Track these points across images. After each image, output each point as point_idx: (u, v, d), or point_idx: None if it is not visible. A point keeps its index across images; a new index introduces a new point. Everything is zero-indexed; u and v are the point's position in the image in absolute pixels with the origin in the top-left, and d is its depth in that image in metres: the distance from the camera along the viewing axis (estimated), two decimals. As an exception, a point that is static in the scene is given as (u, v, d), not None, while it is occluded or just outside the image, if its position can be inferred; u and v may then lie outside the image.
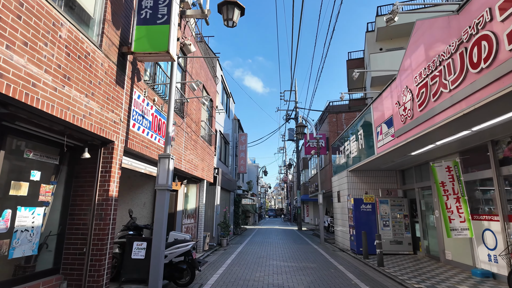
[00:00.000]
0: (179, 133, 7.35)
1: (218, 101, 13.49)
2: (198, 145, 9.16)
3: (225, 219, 12.79)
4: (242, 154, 19.41)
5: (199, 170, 9.31)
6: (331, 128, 16.01)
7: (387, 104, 7.55)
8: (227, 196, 16.09)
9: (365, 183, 11.11)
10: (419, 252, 9.66)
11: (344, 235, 11.70)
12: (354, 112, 16.20)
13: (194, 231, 9.66)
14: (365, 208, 10.26)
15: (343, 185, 11.83)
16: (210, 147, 10.82)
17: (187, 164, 8.08)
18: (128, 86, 4.87)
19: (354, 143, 10.40)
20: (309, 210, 32.38)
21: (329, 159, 16.07)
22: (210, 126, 11.12)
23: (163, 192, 4.58)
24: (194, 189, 9.85)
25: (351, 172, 11.25)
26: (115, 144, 4.46)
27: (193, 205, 9.75)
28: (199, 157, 9.36)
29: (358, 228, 10.08)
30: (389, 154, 7.92)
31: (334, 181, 13.55)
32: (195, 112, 8.87)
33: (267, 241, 14.12)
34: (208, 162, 10.57)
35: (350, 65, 21.64)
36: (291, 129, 26.08)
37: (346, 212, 11.38)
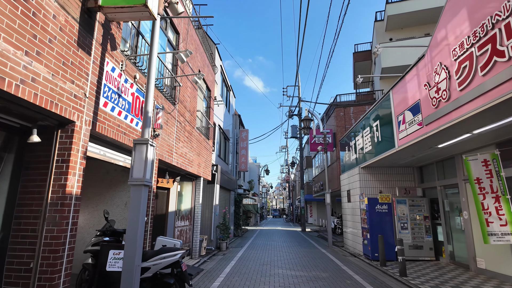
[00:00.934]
0: (169, 121, 6.31)
1: (217, 92, 12.46)
2: (193, 138, 8.12)
3: (225, 221, 11.75)
4: (243, 151, 18.36)
5: (195, 166, 8.26)
6: (339, 122, 14.94)
7: (412, 88, 6.48)
8: (227, 195, 15.04)
9: (379, 181, 10.04)
10: (442, 258, 8.58)
11: (355, 238, 10.63)
12: (363, 106, 15.13)
13: (189, 234, 8.61)
14: (380, 208, 9.19)
15: (354, 183, 10.76)
16: (207, 141, 9.78)
17: (180, 158, 7.03)
18: (98, 53, 3.82)
19: (368, 136, 9.32)
20: (313, 210, 31.31)
21: (336, 156, 15.01)
22: (208, 118, 10.07)
23: (138, 189, 3.53)
24: (189, 187, 8.80)
25: (364, 169, 10.18)
26: (76, 126, 3.41)
27: (188, 205, 8.71)
28: (195, 152, 8.31)
29: (373, 231, 9.01)
30: (413, 147, 6.85)
31: (343, 180, 12.48)
32: (190, 100, 7.83)
33: (270, 244, 13.06)
34: (205, 158, 9.53)
35: (357, 58, 20.58)
36: (294, 126, 25.00)
37: (357, 213, 10.31)
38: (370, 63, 20.47)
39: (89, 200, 5.59)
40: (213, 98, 10.78)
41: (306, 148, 32.13)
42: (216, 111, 12.62)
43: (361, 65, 20.70)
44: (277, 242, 13.91)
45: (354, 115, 15.04)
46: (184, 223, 8.31)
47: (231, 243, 13.34)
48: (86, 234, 5.53)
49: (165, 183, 7.14)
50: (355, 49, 20.90)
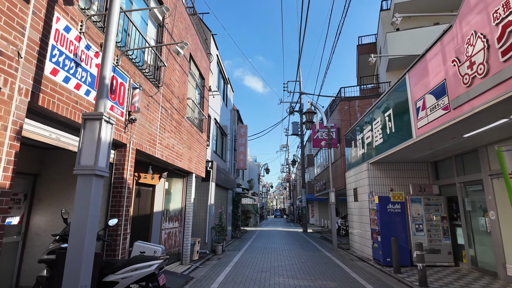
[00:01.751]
0: (151, 106, 5.39)
1: (213, 83, 11.55)
2: (183, 128, 7.20)
3: (221, 221, 10.83)
4: (241, 148, 17.45)
5: (185, 160, 7.35)
6: (343, 117, 14.02)
7: (435, 67, 5.55)
8: (224, 194, 14.12)
9: (390, 178, 9.11)
10: (462, 263, 7.65)
11: (363, 241, 9.71)
12: (369, 99, 14.20)
13: (178, 237, 7.69)
14: (392, 208, 8.26)
15: (361, 181, 9.84)
16: (200, 134, 8.86)
17: (166, 151, 6.12)
18: (42, 3, 2.90)
19: (378, 128, 8.40)
20: (314, 210, 30.38)
21: (341, 153, 14.09)
22: (202, 109, 9.16)
23: (87, 180, 2.60)
24: (179, 184, 7.89)
25: (373, 165, 9.26)
26: (3, 94, 2.49)
27: (178, 205, 7.79)
28: (185, 144, 7.40)
29: (385, 233, 8.09)
30: (435, 137, 5.92)
31: (348, 177, 11.55)
32: (179, 85, 6.91)
33: (270, 247, 12.14)
34: (198, 152, 8.62)
35: (361, 51, 19.66)
36: (295, 123, 24.07)
37: (366, 213, 9.39)
38: (374, 56, 19.50)
39: (53, 197, 4.68)
40: (208, 88, 9.87)
41: (308, 146, 31.19)
42: (212, 103, 11.71)
43: (365, 58, 19.73)
44: (277, 245, 12.99)
45: (360, 109, 14.11)
46: (173, 225, 7.40)
47: (228, 246, 12.42)
48: (49, 239, 4.61)
49: (148, 179, 6.22)
50: (359, 41, 19.99)
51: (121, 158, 4.50)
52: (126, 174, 4.49)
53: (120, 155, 4.51)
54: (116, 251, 4.21)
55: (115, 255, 4.20)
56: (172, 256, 7.31)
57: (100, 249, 4.24)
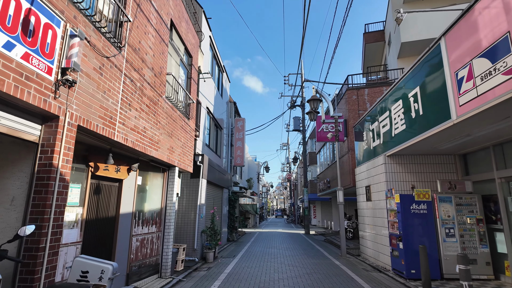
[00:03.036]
0: (107, 70, 3.99)
1: (204, 65, 10.12)
2: (160, 110, 5.80)
3: (213, 224, 9.42)
4: (239, 143, 16.02)
5: (163, 149, 5.95)
6: (351, 107, 12.62)
7: (491, 18, 4.14)
8: (219, 193, 12.71)
9: (412, 174, 7.71)
10: (505, 276, 6.23)
11: (378, 247, 8.29)
12: (380, 87, 12.78)
13: (156, 244, 6.27)
14: (417, 209, 6.85)
15: (376, 177, 8.42)
16: (186, 121, 7.46)
17: (133, 135, 4.72)
18: None
19: (399, 113, 6.99)
20: (317, 210, 28.95)
21: (348, 147, 12.68)
22: (188, 91, 7.75)
23: None
24: (157, 180, 6.47)
25: (391, 158, 7.85)
26: None
27: (156, 205, 6.37)
28: (164, 130, 6.00)
29: (408, 239, 6.68)
30: (487, 114, 4.50)
31: (358, 173, 10.14)
32: (154, 53, 5.50)
33: (270, 253, 10.72)
34: (183, 142, 7.21)
35: (368, 39, 18.25)
36: (296, 118, 22.65)
37: (382, 214, 7.98)
38: (383, 44, 18.13)
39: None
40: (197, 69, 8.46)
41: (309, 144, 29.75)
42: (204, 89, 10.30)
43: (372, 47, 18.36)
44: (278, 250, 11.57)
45: (370, 98, 12.69)
46: (148, 229, 5.98)
47: (222, 251, 11.01)
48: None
49: (111, 171, 4.81)
50: (366, 29, 18.57)
51: (51, 136, 3.09)
52: (59, 160, 3.08)
53: (49, 132, 3.10)
54: (35, 274, 2.80)
55: (33, 280, 2.79)
56: (148, 268, 5.90)
57: (14, 266, 2.83)
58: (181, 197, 9.10)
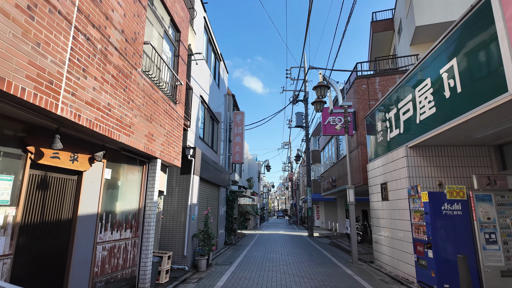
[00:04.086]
0: (41, 14, 2.84)
1: (196, 46, 8.96)
2: (134, 86, 4.65)
3: (206, 227, 8.26)
4: (237, 139, 14.86)
5: (140, 136, 4.80)
6: (360, 97, 11.45)
7: None
8: (215, 192, 11.56)
9: (439, 168, 6.55)
10: (562, 293, 5.05)
11: (397, 254, 7.11)
12: (393, 75, 11.60)
13: (132, 253, 5.11)
14: (450, 209, 5.67)
15: (395, 172, 7.25)
16: (172, 106, 6.30)
17: (94, 112, 3.59)
18: None
19: (426, 94, 5.83)
20: (320, 211, 27.75)
21: (357, 142, 11.50)
22: (176, 71, 6.60)
23: None
24: (133, 174, 5.30)
25: (414, 150, 6.68)
26: None
27: (132, 205, 5.21)
28: (141, 113, 4.85)
29: (440, 245, 5.51)
30: None
31: (372, 170, 8.97)
32: (124, 13, 4.35)
33: (271, 258, 9.56)
34: (168, 130, 6.05)
35: (375, 28, 17.08)
36: (299, 113, 21.47)
37: (403, 215, 6.80)
38: (391, 33, 16.96)
39: None
40: (187, 48, 7.30)
41: (312, 142, 28.57)
42: (197, 75, 9.15)
43: (380, 36, 17.20)
44: (280, 255, 10.40)
45: (382, 88, 11.51)
46: (121, 235, 4.82)
47: (218, 257, 9.85)
48: None
49: (64, 160, 3.67)
50: (373, 17, 17.40)
51: None
52: None
53: None
54: None
55: None
56: (119, 284, 4.74)
57: None
58: (169, 196, 7.95)
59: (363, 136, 11.23)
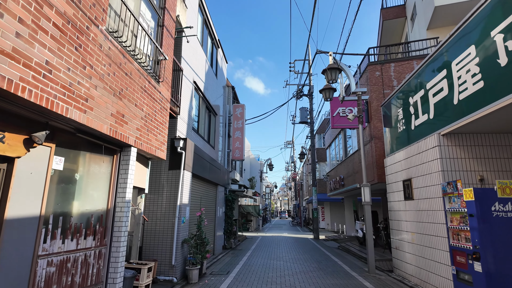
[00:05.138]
0: None
1: (188, 21, 7.80)
2: (94, 47, 3.54)
3: (200, 231, 7.12)
4: (237, 134, 13.72)
5: (103, 114, 3.67)
6: (374, 86, 10.29)
7: None
8: (212, 192, 10.42)
9: (480, 160, 5.37)
10: None
11: (426, 264, 5.92)
12: (409, 61, 10.41)
13: (95, 267, 3.96)
14: (502, 211, 4.47)
15: (423, 166, 6.07)
16: (154, 84, 5.16)
17: (20, 70, 2.48)
18: None
19: (470, 65, 4.65)
20: (325, 212, 26.52)
21: (370, 135, 10.30)
22: (159, 44, 5.47)
23: None
24: (98, 166, 4.15)
25: (450, 138, 5.51)
26: None
27: (95, 205, 4.06)
28: (105, 84, 3.74)
29: (490, 256, 4.31)
30: None
31: (390, 165, 7.79)
32: None
33: (275, 267, 8.40)
34: (148, 113, 4.91)
35: (386, 15, 15.91)
36: (303, 109, 20.29)
37: (434, 218, 5.62)
38: (403, 21, 15.76)
39: None
40: (174, 19, 6.17)
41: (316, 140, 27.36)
42: (190, 58, 8.03)
43: (391, 24, 16.00)
44: (284, 262, 9.22)
45: (397, 75, 10.32)
46: (78, 244, 3.68)
47: (215, 263, 8.69)
48: None
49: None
50: (383, 4, 16.22)
51: None
52: None
53: None
54: None
55: None
56: (76, 309, 3.60)
57: None
58: (154, 194, 6.83)
59: (377, 129, 10.05)
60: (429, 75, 5.90)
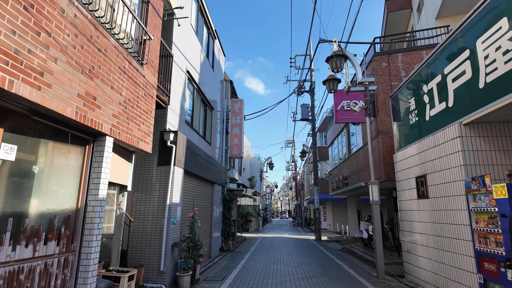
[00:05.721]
0: None
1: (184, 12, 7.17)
2: (53, 13, 2.92)
3: (192, 233, 6.48)
4: (236, 130, 13.08)
5: (65, 93, 3.05)
6: (380, 77, 9.65)
7: None
8: (207, 190, 9.78)
9: (507, 152, 4.72)
10: None
11: (446, 270, 5.27)
12: (418, 51, 9.76)
13: (60, 279, 3.32)
14: (541, 210, 3.83)
15: (441, 160, 5.43)
16: (135, 66, 4.53)
17: None
18: None
19: (500, 42, 4.01)
20: (327, 212, 25.86)
21: (377, 130, 9.64)
22: (143, 23, 4.84)
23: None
24: (64, 158, 3.51)
25: (473, 128, 4.86)
26: None
27: (60, 204, 3.42)
28: (69, 58, 3.12)
29: (529, 265, 3.66)
30: None
31: (401, 160, 7.14)
32: None
33: (275, 272, 7.76)
34: (127, 98, 4.28)
35: (390, 7, 15.26)
36: (304, 105, 19.63)
37: (455, 218, 4.97)
38: (409, 12, 15.12)
39: None
40: (162, -3, 5.54)
41: (318, 138, 26.70)
42: (182, 45, 7.40)
43: (395, 16, 15.36)
44: (285, 266, 8.58)
45: (405, 66, 9.67)
46: (35, 251, 3.05)
47: (210, 268, 8.05)
48: None
49: None
50: (388, -5, 15.56)
51: None
52: None
53: None
54: None
55: None
56: (32, 330, 2.96)
57: None
58: (141, 192, 6.20)
59: (384, 123, 9.40)
60: (448, 59, 5.26)
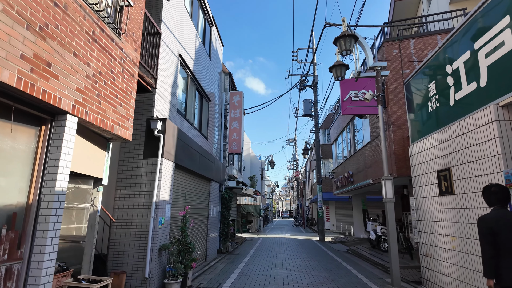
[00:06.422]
0: None
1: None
2: None
3: (184, 234, 5.73)
4: (235, 124, 12.33)
5: (1, 52, 2.26)
6: (391, 65, 8.89)
7: None
8: (203, 188, 9.04)
9: (555, 138, 3.95)
10: None
11: (474, 278, 4.50)
12: (432, 36, 8.99)
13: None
14: None
15: (470, 149, 4.66)
16: (108, 35, 3.79)
17: None
18: None
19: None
20: (330, 212, 25.07)
21: (388, 122, 8.87)
22: (123, -13, 4.10)
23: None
24: (9, 140, 2.78)
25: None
26: None
27: (3, 198, 2.69)
28: (12, 10, 2.36)
29: None
30: None
31: (418, 153, 6.37)
32: None
33: (277, 277, 7.00)
34: (98, 71, 3.54)
35: (398, -5, 14.43)
36: (307, 100, 18.86)
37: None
38: (417, 0, 14.33)
39: None
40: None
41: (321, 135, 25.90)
42: (173, 25, 6.66)
43: (403, 4, 14.57)
44: (288, 270, 7.83)
45: (418, 52, 8.91)
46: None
47: (205, 272, 7.30)
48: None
49: None
50: (395, -17, 14.76)
51: None
52: None
53: None
54: None
55: None
56: None
57: None
58: (123, 188, 5.46)
59: (396, 114, 8.65)
60: (480, 31, 4.49)
